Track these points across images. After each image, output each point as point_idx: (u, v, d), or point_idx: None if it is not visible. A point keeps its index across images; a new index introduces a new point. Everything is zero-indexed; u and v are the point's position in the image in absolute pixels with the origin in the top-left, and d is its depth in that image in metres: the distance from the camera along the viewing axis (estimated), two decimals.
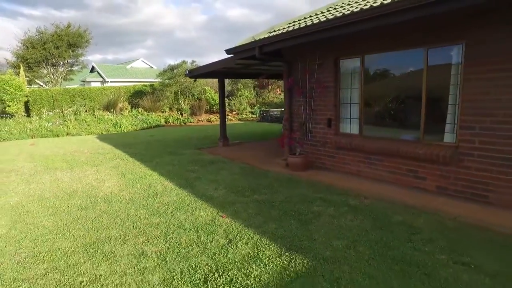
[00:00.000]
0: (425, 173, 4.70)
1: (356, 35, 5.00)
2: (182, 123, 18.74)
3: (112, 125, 16.74)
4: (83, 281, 2.67)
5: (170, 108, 20.25)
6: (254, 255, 3.01)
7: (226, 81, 21.52)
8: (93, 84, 30.61)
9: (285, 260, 2.90)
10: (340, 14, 4.74)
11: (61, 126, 15.86)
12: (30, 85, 23.15)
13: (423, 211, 3.95)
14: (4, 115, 17.07)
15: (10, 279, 2.72)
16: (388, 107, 5.60)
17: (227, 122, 16.37)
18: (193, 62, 21.67)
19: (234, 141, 10.20)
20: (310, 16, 6.17)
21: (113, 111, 18.72)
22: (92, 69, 34.63)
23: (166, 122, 18.38)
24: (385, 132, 5.53)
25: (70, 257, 3.07)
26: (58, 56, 24.30)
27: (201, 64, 14.71)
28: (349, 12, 4.57)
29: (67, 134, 15.13)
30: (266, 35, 6.44)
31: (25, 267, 2.90)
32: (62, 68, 25.50)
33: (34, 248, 3.26)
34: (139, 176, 6.12)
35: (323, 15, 5.54)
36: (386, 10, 3.94)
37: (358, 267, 2.75)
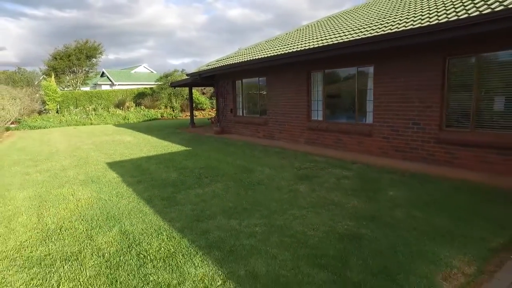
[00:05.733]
0: (260, 130, 11.33)
1: (239, 70, 11.62)
2: (173, 117, 25.34)
3: (122, 118, 23.35)
4: (125, 153, 9.28)
5: (165, 106, 26.80)
6: (176, 148, 9.64)
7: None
8: (103, 87, 37.31)
9: (184, 149, 9.52)
10: (235, 61, 11.33)
11: (85, 119, 22.50)
12: None
13: (249, 142, 10.54)
14: (44, 111, 23.76)
15: (103, 152, 9.36)
16: (252, 104, 12.22)
17: (207, 116, 23.12)
18: (183, 70, 28.36)
19: (199, 125, 16.83)
20: (225, 59, 12.80)
21: (122, 108, 25.33)
22: (102, 74, 41.35)
23: (161, 116, 24.98)
24: (251, 114, 12.15)
25: (120, 149, 9.70)
26: (79, 65, 31.05)
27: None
28: (239, 61, 11.20)
29: (91, 124, 21.72)
30: (204, 68, 13.08)
31: (111, 149, 9.53)
32: (81, 74, 32.20)
33: (110, 149, 9.91)
34: (142, 137, 12.76)
35: (232, 58, 12.16)
36: (250, 62, 10.52)
37: (206, 152, 9.35)
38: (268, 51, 10.38)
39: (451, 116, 6.52)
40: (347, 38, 7.46)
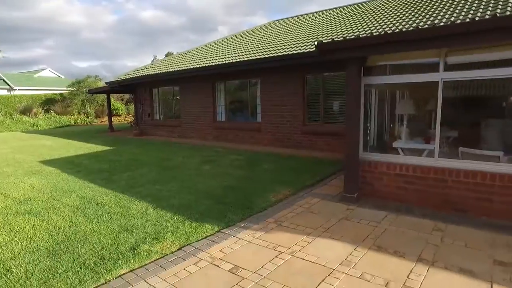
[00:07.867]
0: (175, 131, 13.26)
1: (155, 80, 13.34)
2: (88, 123, 25.27)
3: (30, 125, 22.59)
4: (52, 153, 10.31)
5: (79, 112, 26.41)
6: (102, 148, 11.00)
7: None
8: None
9: (109, 148, 10.94)
10: (151, 73, 12.97)
11: None
12: None
13: (166, 141, 12.38)
14: None
15: (29, 154, 10.23)
16: (168, 109, 14.09)
17: (123, 122, 23.81)
18: (96, 76, 28.36)
19: (118, 129, 17.86)
20: (142, 70, 14.38)
21: (29, 115, 24.31)
22: None
23: (75, 123, 24.72)
24: (167, 117, 14.00)
25: (45, 151, 10.64)
26: None
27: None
28: (154, 73, 12.87)
29: None
30: (123, 77, 14.45)
31: (35, 151, 10.39)
32: None
33: (34, 152, 10.73)
34: (62, 141, 13.51)
35: (149, 69, 13.76)
36: (164, 74, 12.29)
37: (129, 149, 10.93)
38: (180, 64, 12.42)
39: (309, 114, 9.50)
40: (239, 59, 9.99)
